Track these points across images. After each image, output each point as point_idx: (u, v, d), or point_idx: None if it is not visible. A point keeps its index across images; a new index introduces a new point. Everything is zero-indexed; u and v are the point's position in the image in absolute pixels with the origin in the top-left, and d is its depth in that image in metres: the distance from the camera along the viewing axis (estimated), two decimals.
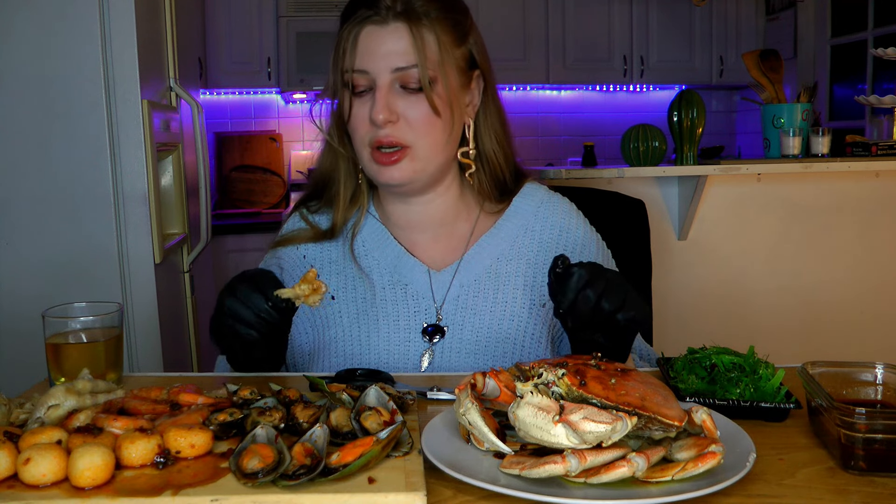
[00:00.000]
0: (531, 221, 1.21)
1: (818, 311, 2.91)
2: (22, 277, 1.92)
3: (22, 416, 0.80)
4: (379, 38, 1.08)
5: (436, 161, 1.13)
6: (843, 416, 0.72)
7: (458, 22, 1.13)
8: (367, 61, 1.08)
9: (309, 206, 1.26)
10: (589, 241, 1.23)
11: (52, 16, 1.88)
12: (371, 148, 1.10)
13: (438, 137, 1.11)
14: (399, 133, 1.09)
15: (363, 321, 1.14)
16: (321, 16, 3.99)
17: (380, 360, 1.12)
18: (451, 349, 1.12)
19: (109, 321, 0.99)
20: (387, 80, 1.08)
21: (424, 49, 1.07)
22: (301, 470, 0.67)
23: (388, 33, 1.08)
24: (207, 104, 4.17)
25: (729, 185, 2.82)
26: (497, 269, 1.17)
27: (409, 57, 1.07)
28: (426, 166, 1.12)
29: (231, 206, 4.14)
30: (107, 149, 1.94)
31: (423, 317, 1.14)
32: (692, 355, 0.97)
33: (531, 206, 1.22)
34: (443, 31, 1.10)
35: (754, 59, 2.92)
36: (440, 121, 1.10)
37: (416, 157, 1.10)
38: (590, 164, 3.83)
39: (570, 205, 1.26)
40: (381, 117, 1.07)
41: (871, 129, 3.22)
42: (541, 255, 1.19)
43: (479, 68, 1.17)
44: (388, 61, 1.08)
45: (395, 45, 1.08)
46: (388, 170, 1.10)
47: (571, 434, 0.67)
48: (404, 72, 1.07)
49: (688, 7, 4.45)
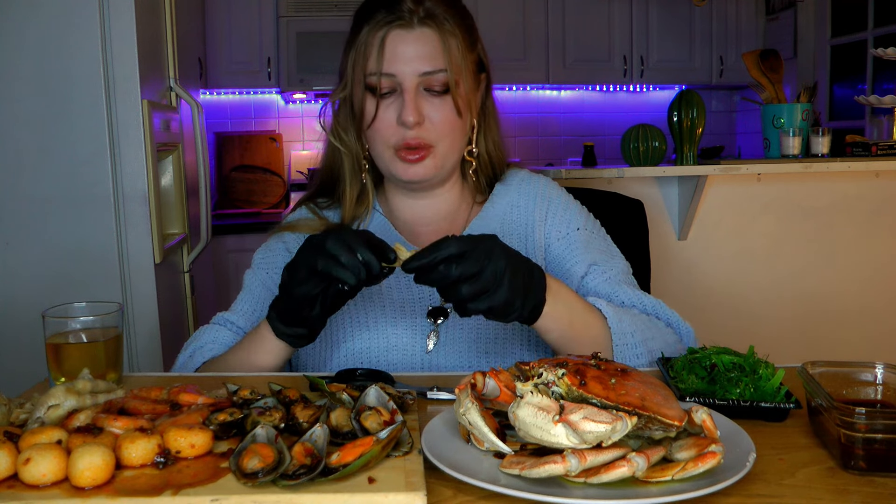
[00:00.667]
0: (515, 198, 1.26)
1: (818, 311, 2.91)
2: (22, 277, 1.92)
3: (22, 416, 0.80)
4: (405, 43, 1.12)
5: (453, 159, 1.19)
6: (843, 416, 0.72)
7: (471, 28, 1.19)
8: (393, 65, 1.12)
9: (318, 202, 1.28)
10: (570, 206, 1.27)
11: (52, 16, 1.88)
12: (395, 149, 1.15)
13: (458, 137, 1.18)
14: (425, 134, 1.14)
15: (370, 307, 1.18)
16: (321, 16, 4.00)
17: (388, 342, 1.15)
18: (455, 328, 1.16)
19: (109, 321, 0.99)
20: (414, 84, 1.12)
21: (450, 53, 1.12)
22: (301, 470, 0.67)
23: (414, 38, 1.12)
24: (207, 104, 4.17)
25: (729, 185, 2.82)
26: None
27: (436, 61, 1.12)
28: (445, 164, 1.18)
29: (231, 206, 4.14)
30: (107, 149, 1.94)
31: (428, 301, 1.18)
32: (692, 355, 0.97)
33: (513, 185, 1.28)
34: (461, 36, 1.15)
35: (754, 59, 2.92)
36: (460, 122, 1.16)
37: (437, 155, 1.16)
38: (590, 164, 3.84)
39: (551, 181, 1.31)
40: (411, 120, 1.11)
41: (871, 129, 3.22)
42: (529, 226, 1.24)
43: (486, 71, 1.23)
44: (416, 65, 1.12)
45: (422, 49, 1.12)
46: (413, 168, 1.15)
47: (571, 434, 0.67)
48: (430, 76, 1.12)
49: (688, 7, 4.45)
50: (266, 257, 1.25)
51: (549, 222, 1.24)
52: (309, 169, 4.14)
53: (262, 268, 1.25)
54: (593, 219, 1.29)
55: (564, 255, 1.22)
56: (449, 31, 1.13)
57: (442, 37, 1.12)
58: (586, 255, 1.21)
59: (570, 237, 1.23)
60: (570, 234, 1.23)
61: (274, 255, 1.25)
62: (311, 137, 4.40)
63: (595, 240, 1.25)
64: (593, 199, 1.57)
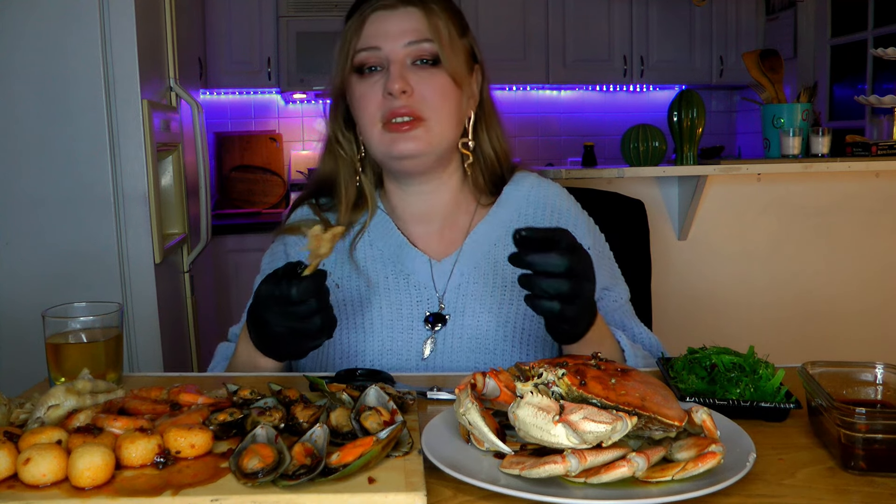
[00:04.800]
0: (523, 206, 1.23)
1: (818, 311, 2.91)
2: (22, 277, 1.92)
3: (22, 416, 0.80)
4: (389, 20, 1.11)
5: (447, 137, 1.14)
6: (843, 416, 0.72)
7: (459, 15, 1.18)
8: (376, 39, 1.11)
9: (321, 203, 1.27)
10: (580, 222, 1.24)
11: (52, 16, 1.88)
12: (383, 122, 1.11)
13: (451, 111, 1.12)
14: (414, 104, 1.10)
15: (366, 309, 1.16)
16: (321, 16, 3.99)
17: (383, 347, 1.13)
18: (453, 336, 1.14)
19: (109, 321, 0.99)
20: (400, 54, 1.10)
21: (437, 28, 1.11)
22: (301, 470, 0.67)
23: (398, 15, 1.11)
24: (207, 104, 4.17)
25: (729, 185, 2.82)
26: (495, 254, 1.19)
27: (421, 33, 1.10)
28: (439, 140, 1.13)
29: (231, 206, 4.14)
30: (107, 149, 1.94)
31: (426, 306, 1.16)
32: (692, 355, 0.97)
33: (522, 192, 1.24)
34: (449, 19, 1.14)
35: (754, 59, 2.92)
36: (453, 94, 1.12)
37: (430, 129, 1.11)
38: (590, 164, 3.83)
39: (562, 189, 1.28)
40: (396, 86, 1.08)
41: (871, 129, 3.22)
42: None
43: (479, 63, 1.21)
44: (401, 38, 1.10)
45: (407, 23, 1.11)
46: (403, 139, 1.10)
47: (571, 434, 0.67)
48: (417, 45, 1.10)
49: (688, 7, 4.45)
50: (271, 262, 1.25)
51: None
52: (309, 169, 4.13)
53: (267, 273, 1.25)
54: (599, 233, 1.27)
55: None
56: (435, 11, 1.12)
57: (427, 14, 1.11)
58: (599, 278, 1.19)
59: None
60: None
61: (276, 259, 1.25)
62: (311, 137, 4.40)
63: (603, 262, 1.23)
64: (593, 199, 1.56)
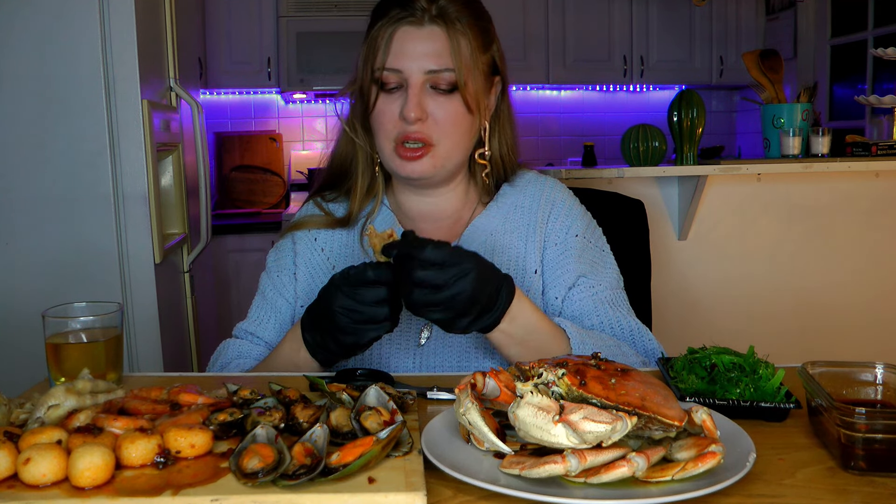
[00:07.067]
0: (520, 199, 1.26)
1: (818, 311, 2.91)
2: (22, 277, 1.92)
3: (22, 416, 0.80)
4: (414, 39, 1.12)
5: (454, 160, 1.18)
6: (843, 416, 0.72)
7: (486, 30, 1.19)
8: (400, 61, 1.12)
9: (324, 195, 1.29)
10: (574, 212, 1.26)
11: (52, 16, 1.88)
12: (396, 143, 1.15)
13: (461, 138, 1.17)
14: (426, 130, 1.14)
15: None
16: (321, 16, 4.00)
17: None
18: None
19: (109, 321, 0.99)
20: (419, 81, 1.12)
21: (459, 53, 1.12)
22: (301, 470, 0.67)
23: (423, 35, 1.12)
24: (207, 104, 4.17)
25: (729, 185, 2.82)
26: (492, 243, 1.22)
27: (442, 60, 1.12)
28: (445, 164, 1.17)
29: (231, 206, 4.14)
30: (107, 149, 1.94)
31: None
32: (692, 355, 0.97)
33: (519, 186, 1.27)
34: (473, 36, 1.15)
35: (754, 59, 2.92)
36: (467, 122, 1.16)
37: (437, 154, 1.15)
38: (590, 164, 3.83)
39: (558, 182, 1.30)
40: (412, 115, 1.11)
41: (871, 129, 3.22)
42: (530, 227, 1.23)
43: (500, 75, 1.23)
44: (423, 63, 1.12)
45: (430, 46, 1.12)
46: (411, 164, 1.15)
47: (571, 434, 0.67)
48: (436, 74, 1.12)
49: (688, 7, 4.45)
50: (277, 259, 1.27)
51: (549, 226, 1.23)
52: (309, 169, 4.14)
53: (273, 271, 1.26)
54: (594, 226, 1.28)
55: (557, 262, 1.22)
56: (460, 30, 1.13)
57: (451, 35, 1.12)
58: (578, 265, 1.21)
59: (567, 243, 1.22)
60: (568, 240, 1.23)
61: (284, 255, 1.26)
62: (311, 137, 4.40)
63: (590, 249, 1.24)
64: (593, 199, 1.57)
